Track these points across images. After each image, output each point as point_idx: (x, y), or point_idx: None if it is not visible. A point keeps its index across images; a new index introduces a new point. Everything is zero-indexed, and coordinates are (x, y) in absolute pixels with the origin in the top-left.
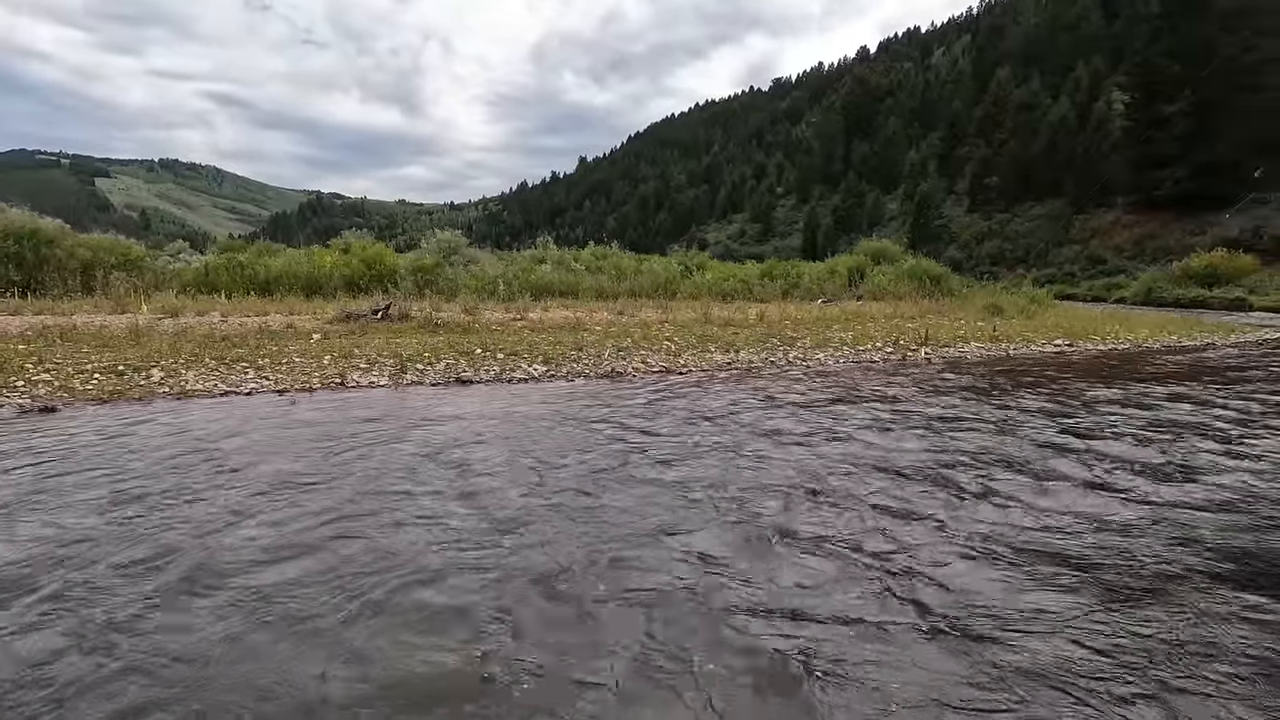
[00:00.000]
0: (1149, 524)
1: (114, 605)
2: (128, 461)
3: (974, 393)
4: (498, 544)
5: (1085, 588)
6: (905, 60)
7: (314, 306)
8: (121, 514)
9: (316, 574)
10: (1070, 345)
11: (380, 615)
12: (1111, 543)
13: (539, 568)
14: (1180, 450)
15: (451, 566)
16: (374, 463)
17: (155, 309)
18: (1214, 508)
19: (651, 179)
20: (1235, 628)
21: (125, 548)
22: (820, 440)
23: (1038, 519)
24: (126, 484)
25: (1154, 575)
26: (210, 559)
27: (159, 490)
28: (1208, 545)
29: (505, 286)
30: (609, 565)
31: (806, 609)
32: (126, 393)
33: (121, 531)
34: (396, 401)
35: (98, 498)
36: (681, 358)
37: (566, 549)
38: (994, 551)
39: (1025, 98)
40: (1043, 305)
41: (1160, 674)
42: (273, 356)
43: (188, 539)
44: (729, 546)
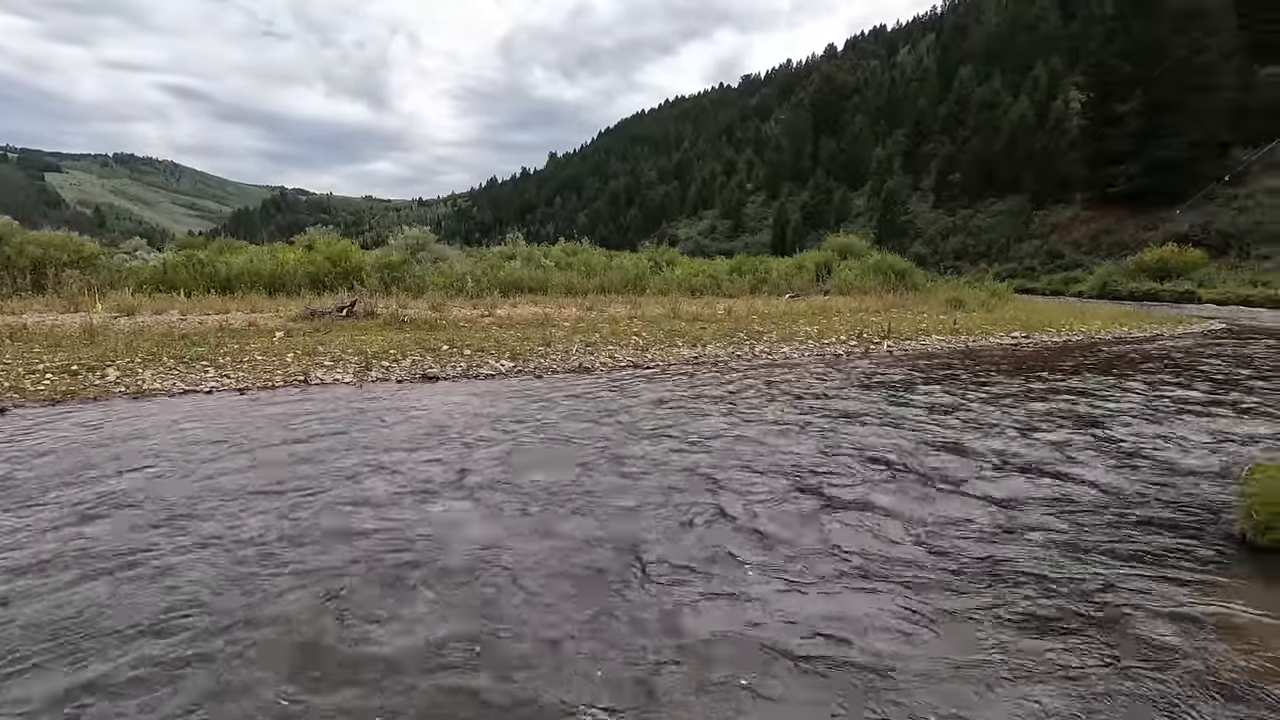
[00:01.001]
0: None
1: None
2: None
3: (887, 388)
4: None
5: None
6: (872, 58)
7: (277, 304)
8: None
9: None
10: (1026, 337)
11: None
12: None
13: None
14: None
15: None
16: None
17: (110, 307)
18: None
19: (622, 175)
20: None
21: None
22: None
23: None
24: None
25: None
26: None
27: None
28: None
29: (474, 283)
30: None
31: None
32: (80, 393)
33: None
34: (361, 398)
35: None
36: (649, 352)
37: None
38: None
39: (987, 96)
40: (1003, 299)
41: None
42: (234, 355)
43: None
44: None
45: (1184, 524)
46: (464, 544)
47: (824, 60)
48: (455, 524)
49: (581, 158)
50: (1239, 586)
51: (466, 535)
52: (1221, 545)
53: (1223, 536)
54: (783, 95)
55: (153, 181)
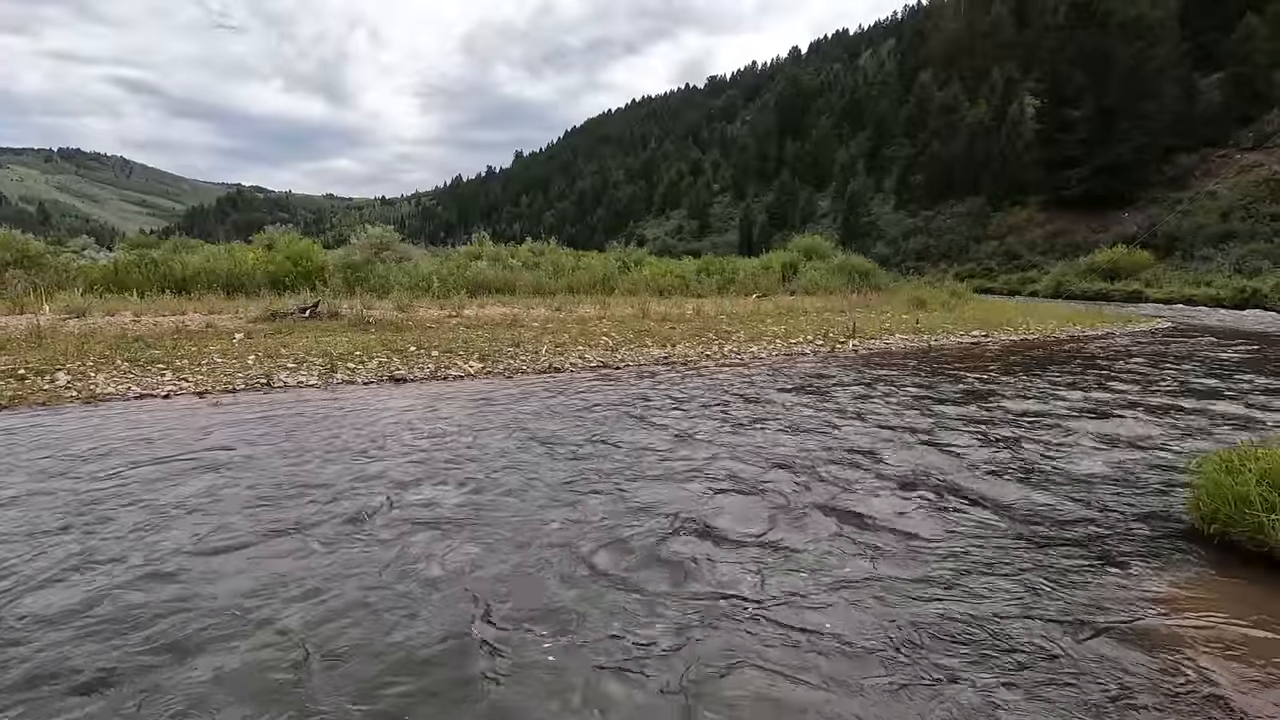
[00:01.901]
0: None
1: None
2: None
3: (871, 386)
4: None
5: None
6: (835, 61)
7: (236, 305)
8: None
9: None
10: (986, 335)
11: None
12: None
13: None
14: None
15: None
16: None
17: (59, 309)
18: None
19: (589, 175)
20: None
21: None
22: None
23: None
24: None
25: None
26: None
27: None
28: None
29: (440, 283)
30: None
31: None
32: (29, 398)
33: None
34: (329, 400)
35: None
36: (619, 353)
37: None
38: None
39: (946, 100)
40: (963, 298)
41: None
42: (191, 357)
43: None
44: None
45: (1135, 515)
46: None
47: (789, 62)
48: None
49: (548, 157)
50: (1187, 574)
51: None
52: (1171, 535)
53: (1172, 527)
54: (748, 97)
55: (101, 178)
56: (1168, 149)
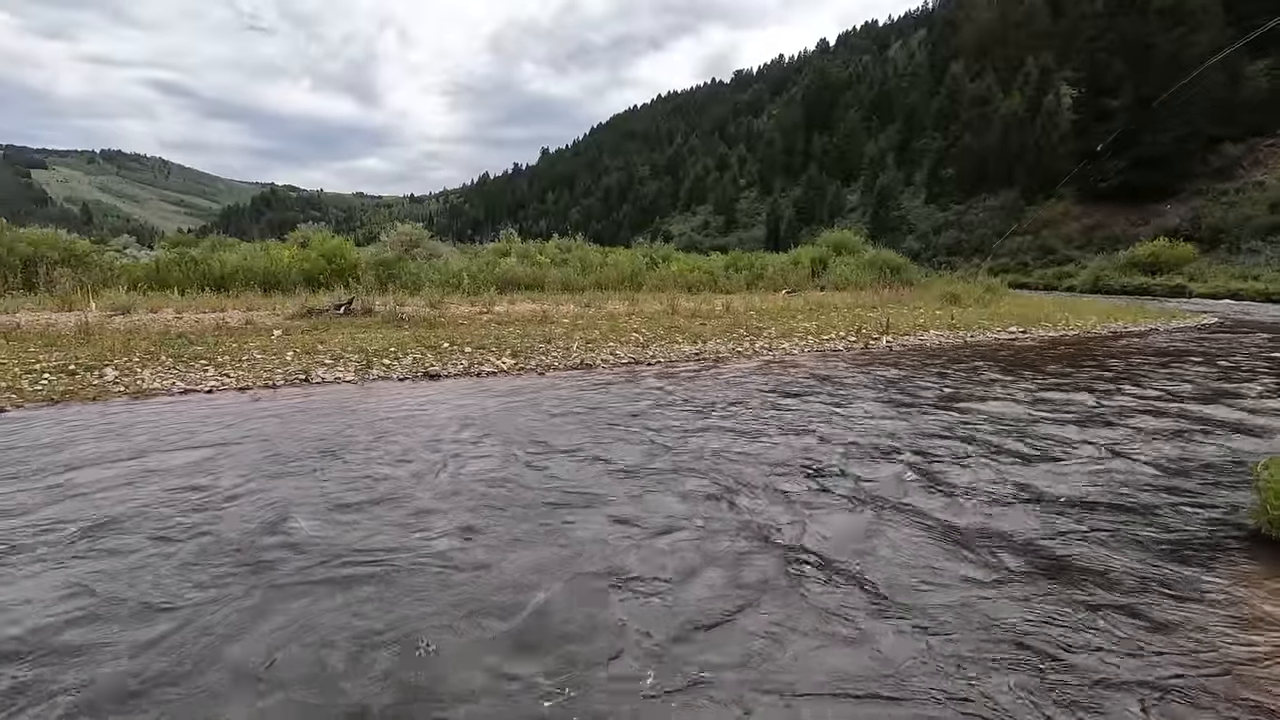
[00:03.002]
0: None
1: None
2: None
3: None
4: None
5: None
6: (864, 53)
7: (273, 302)
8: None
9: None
10: (1024, 331)
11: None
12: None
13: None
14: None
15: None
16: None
17: (104, 306)
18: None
19: (614, 171)
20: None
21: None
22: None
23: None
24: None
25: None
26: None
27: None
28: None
29: (470, 280)
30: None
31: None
32: (79, 393)
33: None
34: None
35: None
36: (650, 349)
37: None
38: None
39: (979, 91)
40: (997, 294)
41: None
42: (233, 353)
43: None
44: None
45: (1198, 518)
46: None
47: (816, 55)
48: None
49: (574, 154)
50: (1254, 579)
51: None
52: (1235, 539)
53: (1237, 531)
54: (775, 90)
55: (141, 178)
56: (1212, 138)
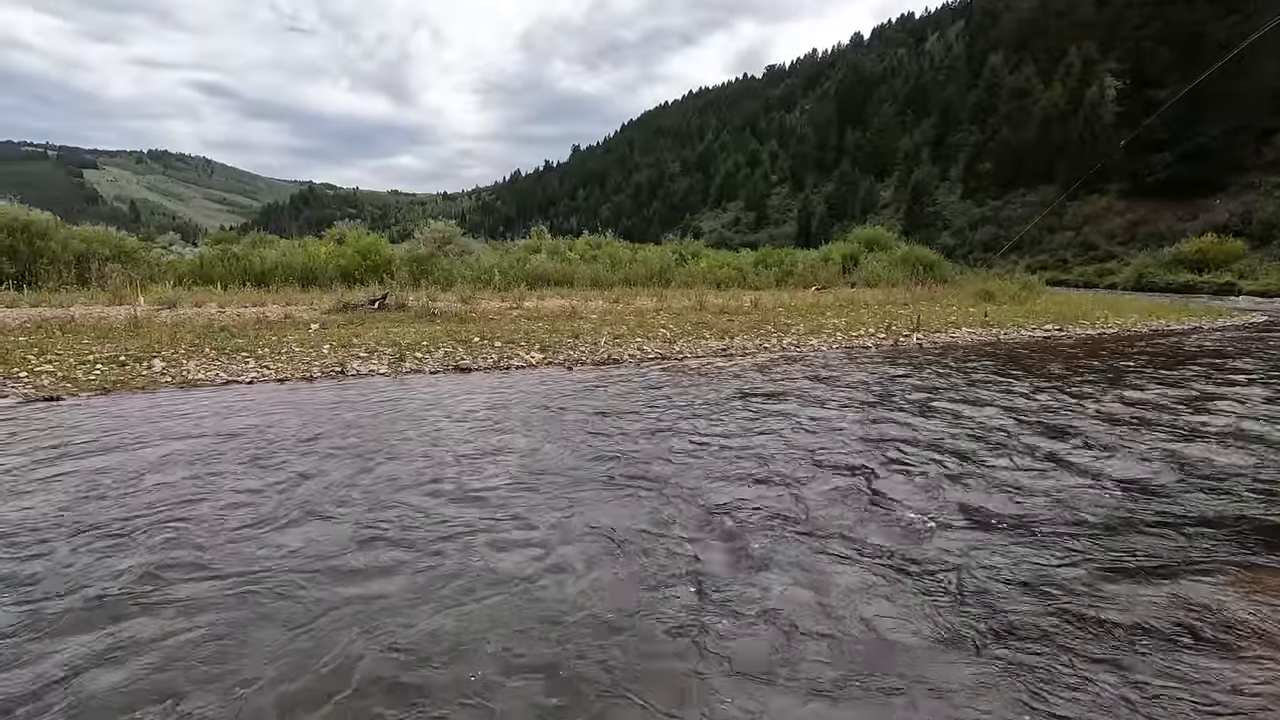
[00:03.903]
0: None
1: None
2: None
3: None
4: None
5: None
6: (899, 46)
7: (310, 297)
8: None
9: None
10: (1060, 329)
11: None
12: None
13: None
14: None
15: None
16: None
17: (152, 300)
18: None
19: (645, 167)
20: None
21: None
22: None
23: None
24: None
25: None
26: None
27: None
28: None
29: (500, 276)
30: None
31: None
32: (129, 383)
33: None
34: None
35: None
36: (676, 345)
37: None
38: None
39: (1018, 83)
40: (1034, 291)
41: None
42: (272, 346)
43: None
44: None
45: (1232, 517)
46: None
47: (850, 49)
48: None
49: (604, 150)
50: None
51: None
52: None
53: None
54: (808, 86)
55: (185, 177)
56: (1265, 130)
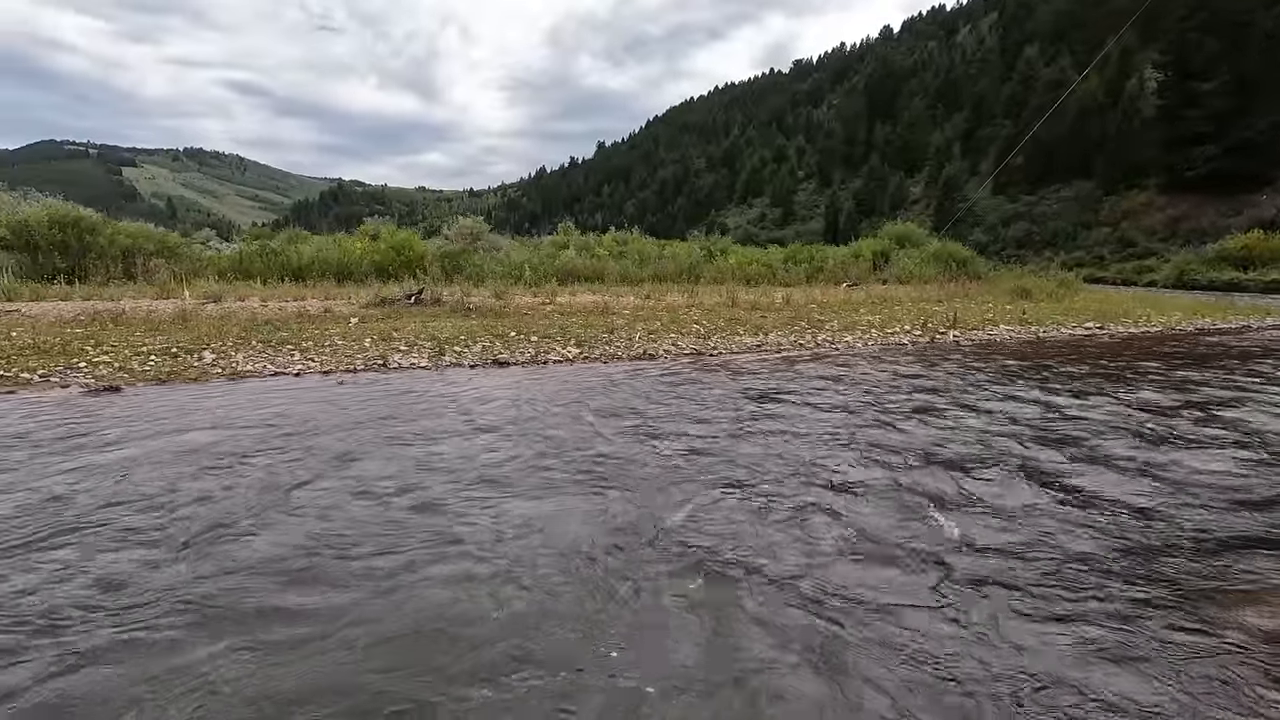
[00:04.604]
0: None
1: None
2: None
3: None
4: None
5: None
6: (929, 39)
7: (346, 292)
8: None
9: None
10: (1100, 328)
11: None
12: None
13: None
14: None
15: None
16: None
17: (197, 294)
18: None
19: (670, 163)
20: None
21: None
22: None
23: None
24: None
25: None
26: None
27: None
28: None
29: (531, 272)
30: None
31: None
32: (183, 374)
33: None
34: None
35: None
36: (711, 340)
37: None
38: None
39: (1054, 76)
40: (1071, 288)
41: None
42: (315, 339)
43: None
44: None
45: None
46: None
47: (879, 42)
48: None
49: (629, 147)
50: None
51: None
52: None
53: None
54: (835, 80)
55: (219, 174)
56: None
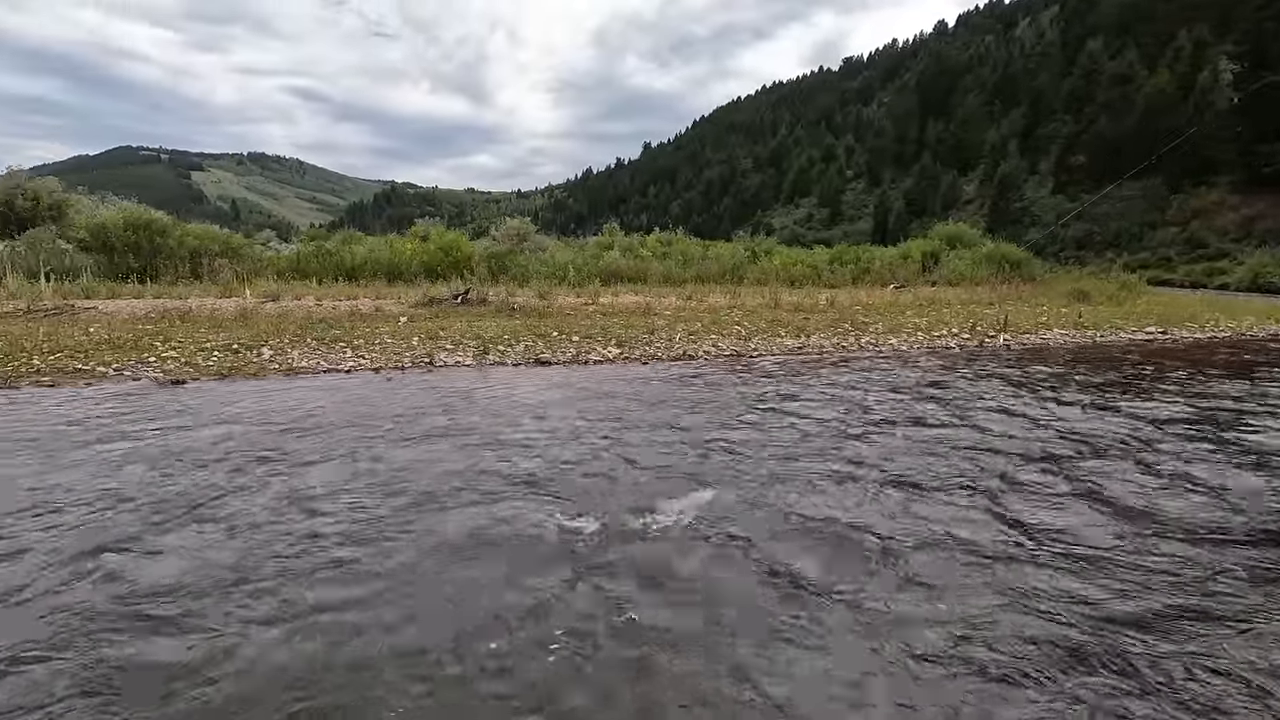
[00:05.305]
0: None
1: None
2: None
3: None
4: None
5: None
6: (986, 34)
7: (397, 291)
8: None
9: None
10: (1164, 332)
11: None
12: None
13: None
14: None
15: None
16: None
17: (257, 293)
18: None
19: (716, 164)
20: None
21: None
22: None
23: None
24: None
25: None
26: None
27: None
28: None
29: (575, 272)
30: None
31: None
32: (243, 369)
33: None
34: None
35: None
36: (752, 342)
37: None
38: None
39: (1119, 70)
40: (1134, 291)
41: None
42: (366, 337)
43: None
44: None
45: None
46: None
47: (933, 38)
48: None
49: (675, 147)
50: None
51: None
52: None
53: None
54: (887, 77)
55: (280, 178)
56: None
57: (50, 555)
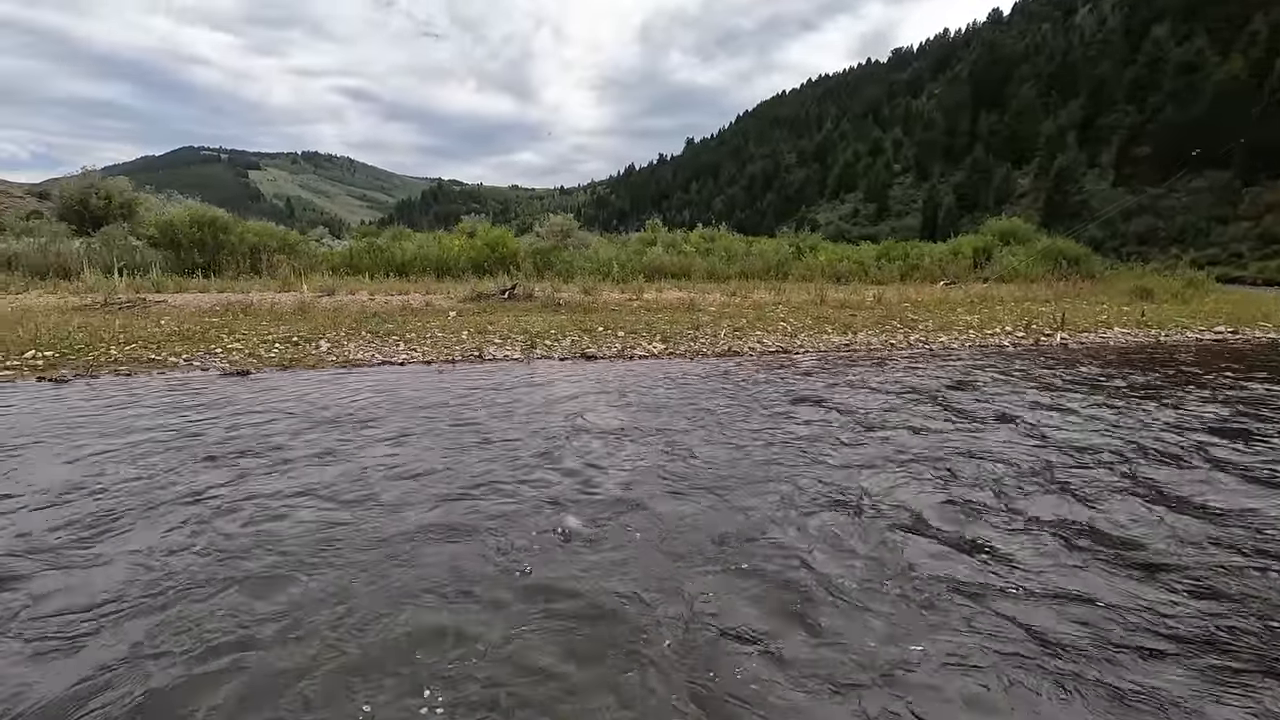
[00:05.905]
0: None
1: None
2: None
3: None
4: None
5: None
6: (1043, 21)
7: (445, 286)
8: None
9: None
10: (1234, 332)
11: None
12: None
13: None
14: None
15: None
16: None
17: (313, 288)
18: None
19: (760, 159)
20: None
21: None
22: None
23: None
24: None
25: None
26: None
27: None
28: None
29: (619, 268)
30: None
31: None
32: (302, 360)
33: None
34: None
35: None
36: (797, 338)
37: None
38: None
39: (1186, 57)
40: (1201, 288)
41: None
42: (418, 331)
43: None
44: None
45: None
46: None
47: (987, 27)
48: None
49: (719, 143)
50: None
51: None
52: None
53: None
54: (937, 68)
55: (332, 176)
56: None
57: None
